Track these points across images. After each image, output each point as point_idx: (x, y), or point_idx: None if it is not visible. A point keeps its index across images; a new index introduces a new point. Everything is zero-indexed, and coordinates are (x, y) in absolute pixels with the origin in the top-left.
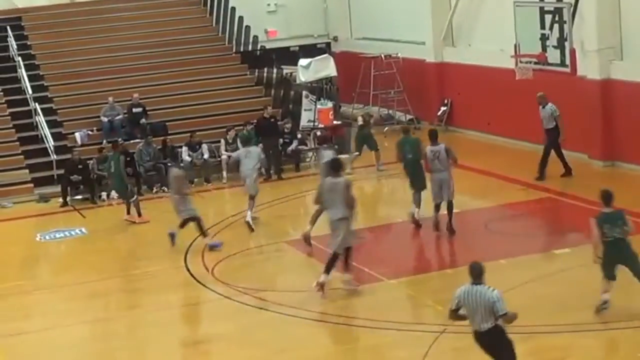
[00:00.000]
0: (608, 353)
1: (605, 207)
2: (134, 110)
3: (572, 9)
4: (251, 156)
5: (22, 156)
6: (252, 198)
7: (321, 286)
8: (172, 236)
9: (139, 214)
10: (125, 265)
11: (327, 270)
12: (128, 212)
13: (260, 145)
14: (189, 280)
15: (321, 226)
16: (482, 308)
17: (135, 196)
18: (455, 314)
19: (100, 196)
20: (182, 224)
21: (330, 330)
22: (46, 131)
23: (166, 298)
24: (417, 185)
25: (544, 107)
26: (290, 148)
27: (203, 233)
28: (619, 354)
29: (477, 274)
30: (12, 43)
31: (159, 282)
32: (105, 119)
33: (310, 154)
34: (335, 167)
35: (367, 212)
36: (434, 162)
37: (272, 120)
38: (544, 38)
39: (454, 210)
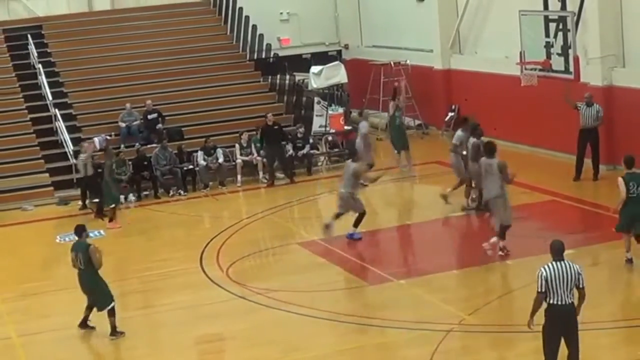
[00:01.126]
0: (613, 350)
1: (628, 169)
2: (149, 116)
3: (575, 17)
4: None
5: (42, 160)
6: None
7: (500, 249)
8: (327, 227)
9: (110, 219)
10: (142, 266)
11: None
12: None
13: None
14: (205, 280)
15: (337, 227)
16: (569, 280)
17: (117, 204)
18: (542, 296)
19: (126, 198)
20: (338, 216)
21: (341, 329)
22: (66, 136)
23: (182, 298)
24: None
25: (589, 107)
26: (302, 152)
27: (355, 225)
28: (624, 351)
29: (558, 251)
30: (33, 51)
31: (175, 283)
32: (123, 125)
33: (322, 158)
34: (489, 150)
35: (375, 214)
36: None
37: (276, 127)
38: (548, 46)
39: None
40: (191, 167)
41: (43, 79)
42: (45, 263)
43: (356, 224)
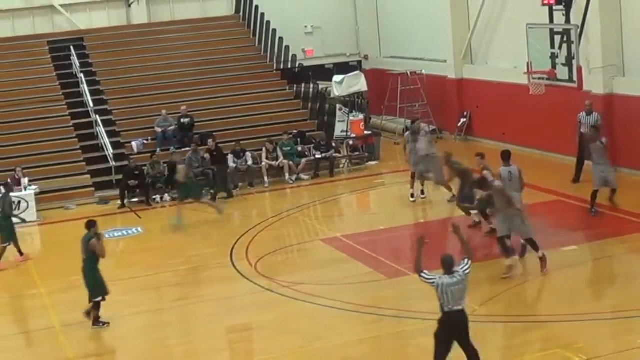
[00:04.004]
0: (612, 340)
1: None
2: (183, 120)
3: (579, 30)
4: None
5: (84, 163)
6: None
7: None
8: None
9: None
10: (177, 260)
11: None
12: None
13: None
14: (235, 274)
15: (355, 225)
16: (458, 292)
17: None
18: (423, 275)
19: (154, 199)
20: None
21: (361, 319)
22: (106, 140)
23: (213, 290)
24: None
25: (588, 115)
26: (325, 155)
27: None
28: (624, 340)
29: (449, 265)
30: (75, 61)
31: (207, 276)
32: (159, 130)
33: (343, 160)
34: (505, 157)
35: (392, 213)
36: (508, 183)
37: (215, 151)
38: (553, 57)
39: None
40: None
41: (85, 88)
42: None
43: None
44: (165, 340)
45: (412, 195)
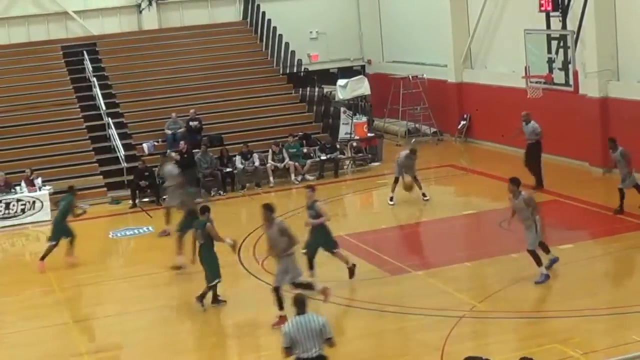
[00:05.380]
0: (608, 335)
1: None
2: (191, 123)
3: (575, 36)
4: None
5: (96, 164)
6: None
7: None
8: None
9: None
10: (186, 259)
11: None
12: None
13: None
14: (242, 272)
15: (358, 224)
16: (313, 334)
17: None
18: (288, 352)
19: (164, 199)
20: None
21: (364, 315)
22: (117, 142)
23: (221, 287)
24: None
25: (527, 124)
26: (330, 157)
27: None
28: (619, 335)
29: (301, 304)
30: (88, 65)
31: None
32: (169, 132)
33: (347, 162)
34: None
35: (395, 212)
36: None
37: (186, 155)
38: (550, 61)
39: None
40: (230, 169)
41: (97, 91)
42: (99, 256)
43: None
44: (174, 335)
45: (391, 199)
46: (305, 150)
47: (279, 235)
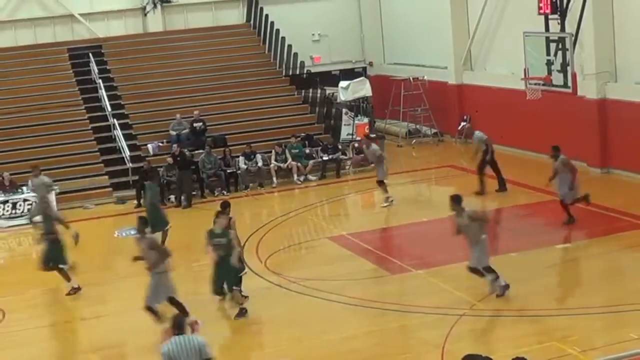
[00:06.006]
0: (605, 333)
1: None
2: (195, 124)
3: (573, 38)
4: None
5: (102, 164)
6: None
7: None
8: None
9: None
10: (189, 258)
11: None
12: None
13: None
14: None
15: (360, 224)
16: (192, 354)
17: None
18: None
19: (169, 199)
20: None
21: (366, 313)
22: (123, 143)
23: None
24: None
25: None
26: (332, 157)
27: None
28: (616, 333)
29: (179, 325)
30: (94, 68)
31: None
32: (173, 133)
33: (349, 162)
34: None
35: (396, 212)
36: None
37: (179, 156)
38: (549, 63)
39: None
40: (233, 170)
41: (103, 93)
42: (104, 255)
43: None
44: None
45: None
46: (307, 150)
47: (148, 249)
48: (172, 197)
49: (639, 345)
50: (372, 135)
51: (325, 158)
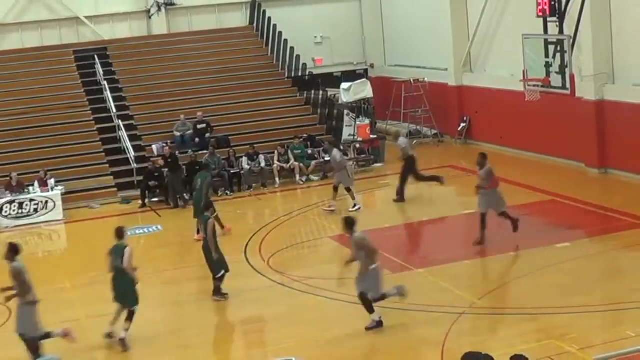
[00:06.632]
0: (603, 331)
1: None
2: (199, 126)
3: (571, 41)
4: None
5: (107, 165)
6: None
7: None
8: None
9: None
10: (194, 257)
11: None
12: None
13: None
14: (249, 269)
15: (361, 223)
16: None
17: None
18: None
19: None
20: None
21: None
22: (128, 144)
23: (229, 284)
24: None
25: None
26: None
27: None
28: (615, 331)
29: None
30: (99, 69)
31: None
32: (177, 134)
33: (350, 162)
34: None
35: (397, 212)
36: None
37: (170, 159)
38: (548, 65)
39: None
40: (237, 170)
41: (108, 94)
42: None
43: None
44: (183, 331)
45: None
46: (309, 151)
47: (14, 278)
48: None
49: (636, 342)
50: (373, 137)
51: (327, 158)
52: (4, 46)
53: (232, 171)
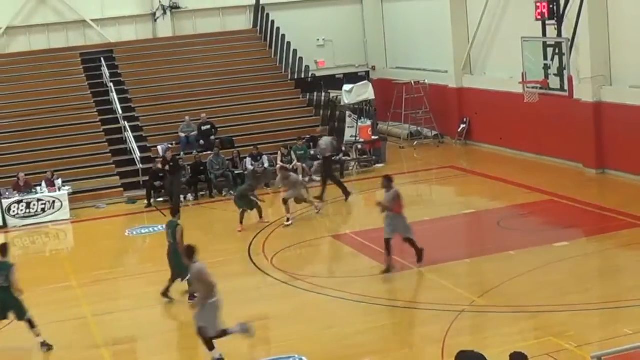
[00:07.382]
0: (600, 329)
1: None
2: (203, 127)
3: (569, 43)
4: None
5: (113, 165)
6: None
7: None
8: None
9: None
10: (199, 256)
11: None
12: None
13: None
14: (252, 268)
15: (363, 223)
16: None
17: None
18: None
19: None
20: None
21: (369, 309)
22: (133, 145)
23: (233, 283)
24: None
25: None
26: (336, 158)
27: None
28: (611, 329)
29: None
30: (105, 72)
31: (227, 270)
32: (182, 135)
33: (352, 163)
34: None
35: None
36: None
37: (172, 162)
38: (546, 67)
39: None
40: (241, 171)
41: (114, 96)
42: (116, 253)
43: None
44: (186, 329)
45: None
46: (312, 152)
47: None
48: (181, 197)
49: (633, 340)
50: (375, 138)
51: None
52: (12, 49)
53: (236, 172)
